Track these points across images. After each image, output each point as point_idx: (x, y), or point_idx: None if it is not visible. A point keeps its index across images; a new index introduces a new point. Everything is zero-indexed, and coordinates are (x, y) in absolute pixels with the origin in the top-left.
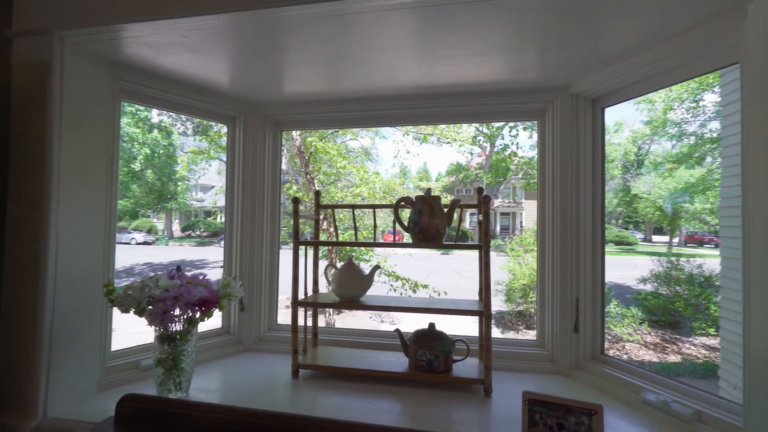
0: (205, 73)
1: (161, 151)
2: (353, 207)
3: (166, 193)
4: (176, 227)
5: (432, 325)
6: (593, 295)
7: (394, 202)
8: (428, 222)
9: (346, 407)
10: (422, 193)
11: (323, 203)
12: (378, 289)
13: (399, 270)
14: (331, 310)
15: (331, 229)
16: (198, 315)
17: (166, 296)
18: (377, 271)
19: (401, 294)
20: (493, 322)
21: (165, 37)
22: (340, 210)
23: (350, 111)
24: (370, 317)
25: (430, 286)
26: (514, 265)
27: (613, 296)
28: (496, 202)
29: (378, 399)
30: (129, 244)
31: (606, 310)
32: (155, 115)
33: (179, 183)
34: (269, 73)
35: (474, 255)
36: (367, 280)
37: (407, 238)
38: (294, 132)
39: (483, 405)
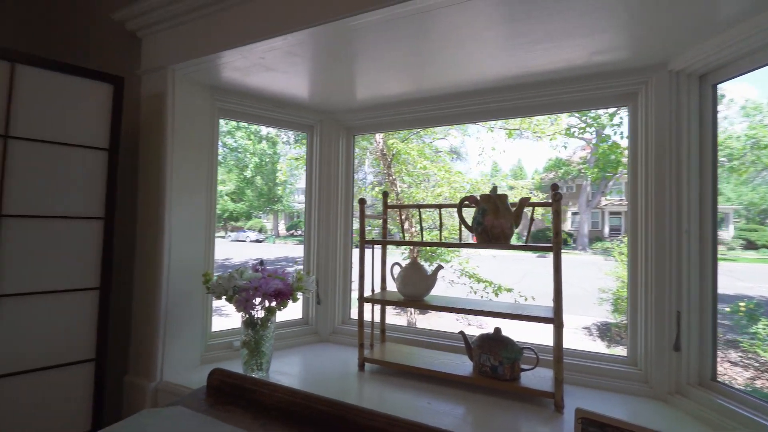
0: (283, 88)
1: (267, 160)
2: (419, 207)
3: (273, 197)
4: (282, 227)
5: (498, 330)
6: (701, 308)
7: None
8: (492, 221)
9: (405, 404)
10: (493, 193)
11: (403, 203)
12: (457, 291)
13: (485, 272)
14: (412, 310)
15: (412, 229)
16: (274, 304)
17: (248, 286)
18: (440, 271)
19: (482, 297)
20: (597, 334)
21: (247, 60)
22: (424, 210)
23: (425, 110)
24: (457, 319)
25: (517, 291)
26: (623, 271)
27: (763, 314)
28: (603, 201)
29: (439, 400)
30: (244, 241)
31: (753, 330)
32: (264, 128)
33: (280, 187)
34: (342, 82)
35: (579, 258)
36: (430, 280)
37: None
38: (377, 135)
39: (552, 420)
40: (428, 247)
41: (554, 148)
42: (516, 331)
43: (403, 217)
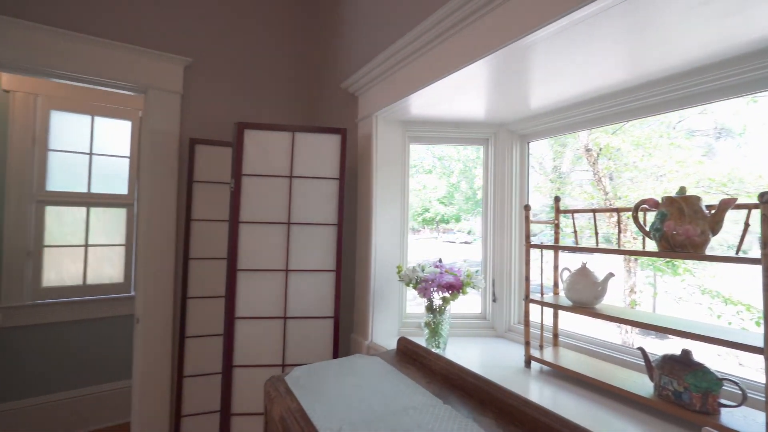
0: (461, 111)
1: (470, 164)
2: (593, 211)
3: (478, 199)
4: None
5: (686, 352)
6: None
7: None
8: (673, 227)
9: (565, 408)
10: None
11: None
12: (688, 311)
13: (741, 294)
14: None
15: (625, 234)
16: (448, 295)
17: (427, 278)
18: (611, 279)
19: (729, 323)
20: None
21: (427, 97)
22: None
23: (605, 108)
24: (653, 337)
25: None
26: None
27: None
28: None
29: (607, 414)
30: (453, 243)
31: None
32: None
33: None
34: (515, 95)
35: None
36: (599, 288)
37: None
38: (584, 132)
39: None
40: (667, 260)
41: None
42: (689, 352)
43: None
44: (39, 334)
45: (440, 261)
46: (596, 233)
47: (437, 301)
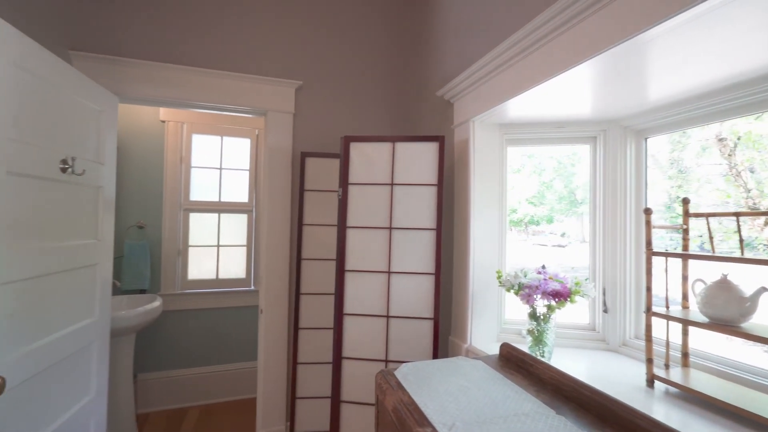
0: (563, 111)
1: (566, 161)
2: (736, 215)
3: (575, 199)
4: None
5: None
6: None
7: None
8: None
9: None
10: None
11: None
12: None
13: None
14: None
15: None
16: (553, 303)
17: (530, 284)
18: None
19: None
20: None
21: (530, 99)
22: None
23: (746, 95)
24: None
25: None
26: None
27: None
28: None
29: None
30: (545, 246)
31: None
32: None
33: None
34: (630, 89)
35: None
36: (747, 303)
37: None
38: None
39: None
40: None
41: None
42: None
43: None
44: (185, 318)
45: (543, 267)
46: (741, 240)
47: (541, 309)
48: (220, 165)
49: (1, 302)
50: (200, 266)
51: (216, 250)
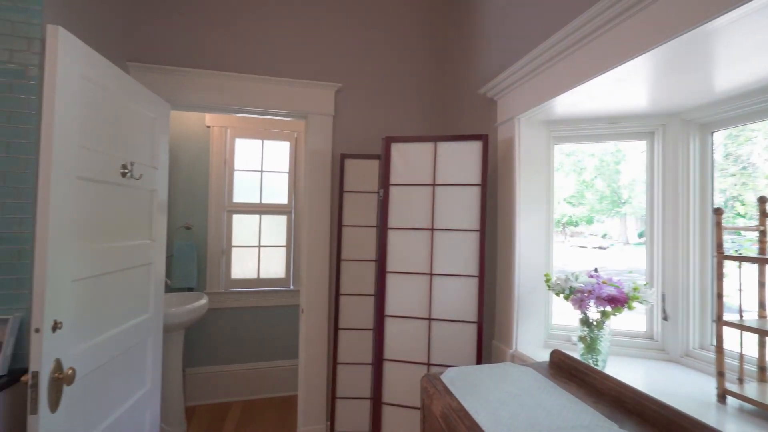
0: (618, 106)
1: (609, 158)
2: None
3: (617, 199)
4: (632, 233)
5: None
6: None
7: None
8: None
9: None
10: None
11: None
12: None
13: None
14: None
15: None
16: (608, 308)
17: (583, 289)
18: None
19: None
20: None
21: (580, 95)
22: None
23: None
24: None
25: None
26: None
27: None
28: None
29: None
30: (585, 248)
31: None
32: None
33: (626, 189)
34: (694, 80)
35: None
36: None
37: None
38: None
39: None
40: None
41: None
42: None
43: None
44: (229, 316)
45: (596, 270)
46: None
47: (594, 315)
48: (261, 168)
49: (72, 297)
50: (243, 266)
51: (257, 251)
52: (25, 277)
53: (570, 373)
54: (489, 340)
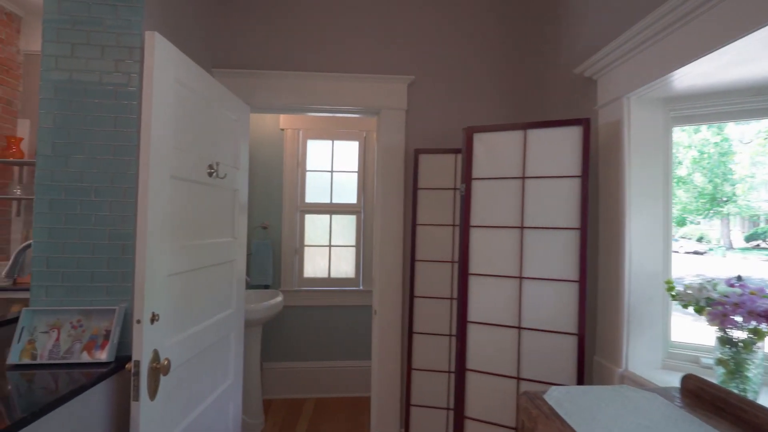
0: (762, 74)
1: (711, 150)
2: None
3: (720, 196)
4: (737, 236)
5: None
6: None
7: None
8: None
9: None
10: None
11: None
12: None
13: None
14: None
15: None
16: (764, 327)
17: (726, 301)
18: None
19: None
20: None
21: (712, 64)
22: None
23: None
24: None
25: None
26: None
27: None
28: None
29: None
30: (677, 252)
31: None
32: None
33: (735, 184)
34: None
35: None
36: None
37: None
38: None
39: None
40: None
41: None
42: None
43: None
44: (301, 314)
45: (739, 278)
46: None
47: (739, 333)
48: (331, 168)
49: (167, 291)
50: (314, 265)
51: (328, 250)
52: (128, 271)
53: (715, 405)
54: (589, 355)
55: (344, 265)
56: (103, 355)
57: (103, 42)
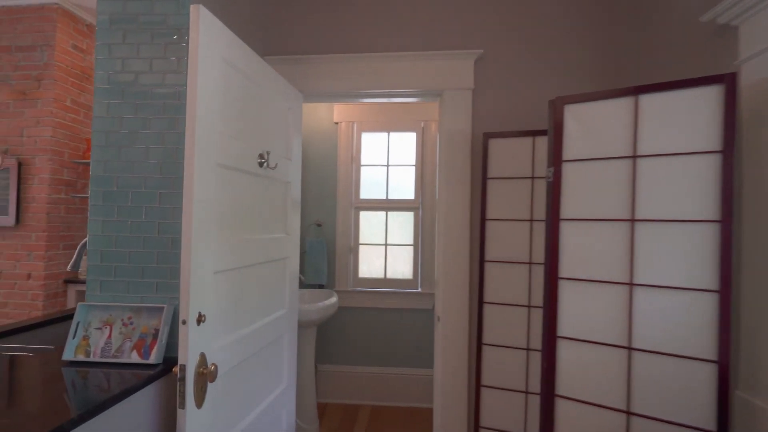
0: None
1: None
2: None
3: None
4: None
5: None
6: None
7: None
8: None
9: None
10: None
11: None
12: None
13: None
14: None
15: None
16: None
17: None
18: None
19: None
20: None
21: None
22: None
23: None
24: None
25: None
26: None
27: None
28: None
29: None
30: None
31: None
32: None
33: None
34: None
35: None
36: None
37: None
38: None
39: None
40: None
41: None
42: None
43: None
44: (357, 315)
45: None
46: None
47: None
48: (387, 162)
49: (213, 290)
50: (369, 264)
51: (384, 249)
52: (176, 266)
53: None
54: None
55: (401, 266)
56: (151, 357)
57: (152, 25)
